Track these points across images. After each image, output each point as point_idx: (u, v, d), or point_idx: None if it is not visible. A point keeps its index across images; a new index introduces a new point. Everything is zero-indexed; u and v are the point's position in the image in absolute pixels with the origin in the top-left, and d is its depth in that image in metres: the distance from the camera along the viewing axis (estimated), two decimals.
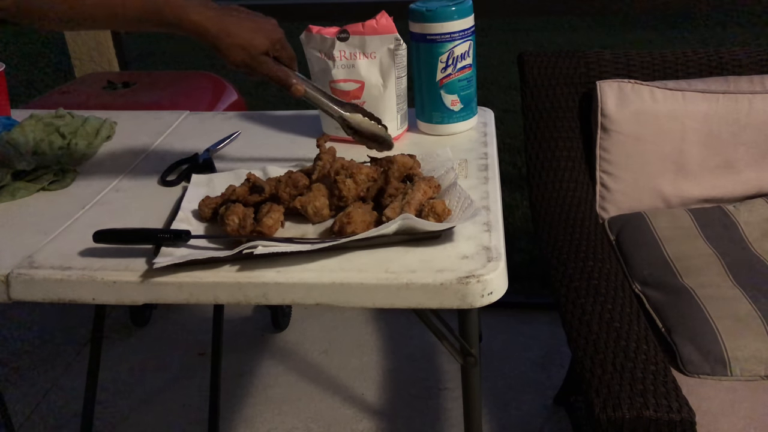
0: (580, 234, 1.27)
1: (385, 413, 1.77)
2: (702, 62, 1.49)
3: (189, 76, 2.05)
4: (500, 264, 0.80)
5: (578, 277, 1.15)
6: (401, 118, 1.17)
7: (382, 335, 2.04)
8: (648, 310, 1.19)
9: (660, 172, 1.45)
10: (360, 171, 0.91)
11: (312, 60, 1.16)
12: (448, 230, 0.85)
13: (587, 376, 0.97)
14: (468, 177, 1.03)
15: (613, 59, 1.50)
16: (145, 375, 1.95)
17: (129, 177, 1.11)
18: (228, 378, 1.89)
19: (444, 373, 1.88)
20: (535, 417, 1.72)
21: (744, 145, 1.43)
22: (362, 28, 1.10)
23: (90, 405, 1.63)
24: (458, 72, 1.14)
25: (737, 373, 1.06)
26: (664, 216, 1.40)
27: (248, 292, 0.81)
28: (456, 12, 1.10)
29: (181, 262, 0.81)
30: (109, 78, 1.97)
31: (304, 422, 1.76)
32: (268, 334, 2.09)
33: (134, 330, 2.15)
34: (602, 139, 1.45)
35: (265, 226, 0.85)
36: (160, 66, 5.20)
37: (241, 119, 1.32)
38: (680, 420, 0.89)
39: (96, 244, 0.86)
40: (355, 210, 0.86)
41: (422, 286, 0.78)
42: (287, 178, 0.94)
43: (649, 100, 1.41)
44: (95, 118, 1.27)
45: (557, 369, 1.86)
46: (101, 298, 0.83)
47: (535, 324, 2.04)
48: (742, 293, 1.17)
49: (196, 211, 0.94)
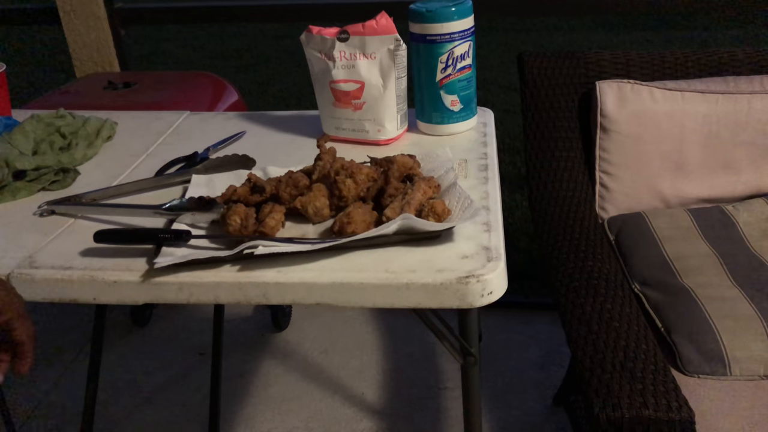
0: (580, 234, 1.28)
1: (385, 413, 1.77)
2: (701, 62, 1.50)
3: (189, 77, 2.05)
4: (500, 264, 0.80)
5: (578, 277, 1.15)
6: (401, 118, 1.17)
7: (382, 335, 2.05)
8: (647, 310, 1.20)
9: (659, 172, 1.45)
10: (360, 171, 0.91)
11: (312, 60, 1.17)
12: (448, 230, 0.86)
13: (587, 375, 0.97)
14: (468, 177, 1.03)
15: (612, 59, 1.50)
16: (145, 375, 1.96)
17: (130, 177, 1.11)
18: (228, 378, 1.90)
19: (444, 372, 1.88)
20: (535, 417, 1.72)
21: (743, 145, 1.44)
22: (362, 29, 1.10)
23: (90, 405, 1.63)
24: (458, 72, 1.15)
25: (737, 373, 1.06)
26: (663, 216, 1.41)
27: (249, 291, 0.81)
28: (456, 12, 1.10)
29: (182, 261, 0.81)
30: (110, 78, 1.97)
31: (304, 422, 1.76)
32: (268, 334, 2.10)
33: (134, 330, 2.15)
34: (602, 139, 1.45)
35: (267, 227, 0.85)
36: (160, 66, 5.20)
37: (241, 119, 1.32)
38: (680, 420, 0.89)
39: (97, 244, 0.86)
40: (355, 210, 0.86)
41: (422, 286, 0.78)
42: (287, 178, 0.94)
43: (649, 100, 1.41)
44: (96, 118, 1.27)
45: (557, 369, 1.86)
46: (102, 298, 0.84)
47: (534, 324, 2.04)
48: (741, 293, 1.17)
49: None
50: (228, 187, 0.96)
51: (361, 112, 1.15)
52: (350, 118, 1.16)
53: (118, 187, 1.05)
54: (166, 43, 5.79)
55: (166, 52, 5.59)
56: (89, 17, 2.07)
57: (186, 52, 5.64)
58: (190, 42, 5.87)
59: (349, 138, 1.18)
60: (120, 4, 2.10)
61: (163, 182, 1.07)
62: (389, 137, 1.16)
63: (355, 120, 1.16)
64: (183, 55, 5.57)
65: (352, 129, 1.17)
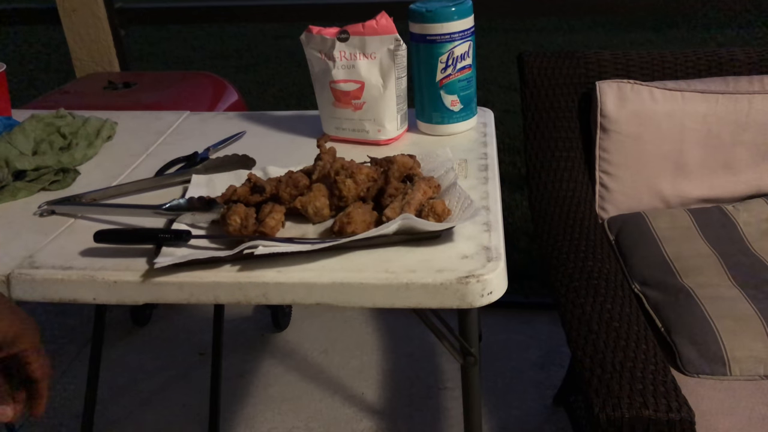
0: (580, 234, 1.28)
1: (385, 413, 1.77)
2: (701, 62, 1.50)
3: (189, 77, 2.05)
4: (500, 264, 0.80)
5: (578, 277, 1.15)
6: (401, 118, 1.17)
7: (382, 335, 2.05)
8: (647, 310, 1.20)
9: (659, 172, 1.45)
10: (360, 171, 0.91)
11: (312, 60, 1.17)
12: (448, 230, 0.86)
13: (586, 375, 0.97)
14: (468, 177, 1.03)
15: (612, 59, 1.50)
16: (145, 375, 1.96)
17: (130, 177, 1.11)
18: (228, 378, 1.90)
19: (444, 372, 1.88)
20: (535, 417, 1.72)
21: (743, 145, 1.44)
22: (362, 29, 1.10)
23: (90, 405, 1.63)
24: (458, 72, 1.15)
25: (736, 373, 1.06)
26: (663, 216, 1.40)
27: (249, 292, 0.81)
28: (456, 12, 1.10)
29: (182, 262, 0.81)
30: (110, 78, 1.97)
31: (304, 422, 1.76)
32: (268, 334, 2.10)
33: (134, 330, 2.15)
34: (602, 139, 1.45)
35: (267, 227, 0.85)
36: (160, 66, 5.20)
37: (241, 119, 1.32)
38: (679, 420, 0.89)
39: (97, 244, 0.86)
40: (355, 210, 0.86)
41: (422, 286, 0.78)
42: (287, 178, 0.94)
43: (649, 100, 1.41)
44: (96, 118, 1.27)
45: (557, 369, 1.86)
46: (102, 298, 0.83)
47: (534, 324, 2.04)
48: (741, 293, 1.17)
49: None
50: (228, 187, 0.96)
51: (361, 112, 1.15)
52: (350, 118, 1.16)
53: (118, 187, 1.05)
54: (166, 43, 5.79)
55: (166, 52, 5.60)
56: (89, 17, 2.07)
57: (186, 52, 5.64)
58: (190, 42, 5.87)
59: (349, 138, 1.18)
60: (120, 4, 2.10)
61: (163, 182, 1.07)
62: (389, 137, 1.16)
63: (355, 120, 1.16)
64: (183, 55, 5.57)
65: (352, 129, 1.17)
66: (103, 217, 0.98)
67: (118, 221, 0.96)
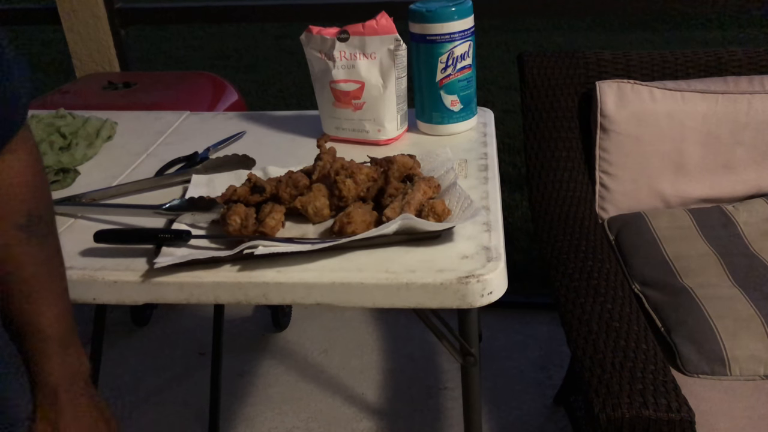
0: (580, 234, 1.28)
1: (385, 413, 1.77)
2: (701, 62, 1.50)
3: (189, 77, 2.05)
4: (500, 264, 0.80)
5: (578, 276, 1.15)
6: (401, 118, 1.17)
7: (382, 335, 2.05)
8: (647, 310, 1.20)
9: (659, 172, 1.45)
10: (360, 171, 0.91)
11: (312, 60, 1.17)
12: (448, 230, 0.86)
13: (587, 375, 0.97)
14: (468, 177, 1.03)
15: (612, 59, 1.50)
16: (145, 375, 1.96)
17: (130, 177, 1.11)
18: (228, 378, 1.90)
19: (444, 372, 1.88)
20: (535, 417, 1.72)
21: (743, 145, 1.44)
22: (362, 29, 1.10)
23: None
24: (458, 72, 1.15)
25: (736, 373, 1.06)
26: (663, 216, 1.41)
27: (249, 292, 0.81)
28: (456, 12, 1.10)
29: (182, 262, 0.81)
30: (110, 78, 1.97)
31: (305, 422, 1.76)
32: (268, 334, 2.10)
33: (134, 330, 2.15)
34: (602, 139, 1.45)
35: (267, 227, 0.85)
36: (160, 66, 5.21)
37: (241, 119, 1.32)
38: (679, 419, 0.89)
39: (96, 244, 0.86)
40: (355, 210, 0.86)
41: (422, 286, 0.78)
42: (287, 178, 0.94)
43: (649, 100, 1.41)
44: (96, 118, 1.28)
45: (557, 369, 1.86)
46: (102, 298, 0.83)
47: (534, 324, 2.04)
48: (741, 293, 1.17)
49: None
50: (228, 187, 0.96)
51: (361, 112, 1.15)
52: (350, 118, 1.16)
53: (118, 187, 1.05)
54: (166, 43, 5.80)
55: (166, 52, 5.60)
56: (89, 17, 2.07)
57: (186, 52, 5.64)
58: (190, 42, 5.87)
59: (349, 138, 1.18)
60: (120, 4, 2.10)
61: (163, 182, 1.07)
62: (389, 137, 1.16)
63: (355, 120, 1.16)
64: (183, 55, 5.57)
65: (352, 129, 1.17)
66: (103, 217, 0.98)
67: (118, 221, 0.96)
